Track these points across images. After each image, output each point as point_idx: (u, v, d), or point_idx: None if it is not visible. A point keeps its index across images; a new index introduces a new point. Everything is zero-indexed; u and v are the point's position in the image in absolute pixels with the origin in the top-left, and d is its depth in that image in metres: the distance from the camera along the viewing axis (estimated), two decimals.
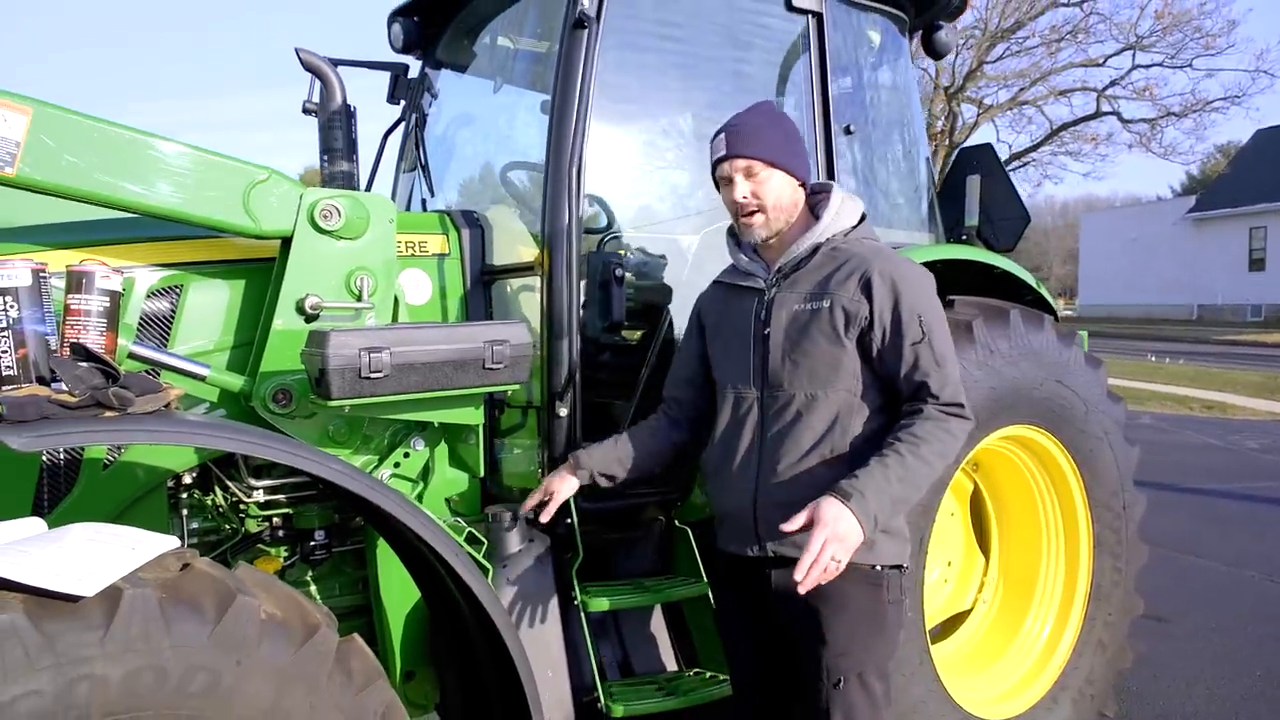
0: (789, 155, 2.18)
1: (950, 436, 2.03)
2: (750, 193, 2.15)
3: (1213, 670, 4.21)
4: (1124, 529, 3.31)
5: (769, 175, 2.15)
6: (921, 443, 1.99)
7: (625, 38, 2.91)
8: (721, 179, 2.21)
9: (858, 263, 2.11)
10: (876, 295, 2.05)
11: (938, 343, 2.06)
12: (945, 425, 2.03)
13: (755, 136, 2.15)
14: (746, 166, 2.14)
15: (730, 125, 2.20)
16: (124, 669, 1.42)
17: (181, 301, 2.42)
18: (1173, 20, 25.51)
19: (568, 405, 2.68)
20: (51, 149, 2.05)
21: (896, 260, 2.12)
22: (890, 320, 2.05)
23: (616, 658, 2.86)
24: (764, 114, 2.25)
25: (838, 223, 2.19)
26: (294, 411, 2.37)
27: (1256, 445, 10.43)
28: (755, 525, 2.15)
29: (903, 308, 2.04)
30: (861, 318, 2.06)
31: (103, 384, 1.64)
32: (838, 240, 2.17)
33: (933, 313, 2.09)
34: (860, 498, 1.91)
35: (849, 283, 2.08)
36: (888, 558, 2.11)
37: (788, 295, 2.17)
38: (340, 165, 3.08)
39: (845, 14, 3.26)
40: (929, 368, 2.04)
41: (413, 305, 2.79)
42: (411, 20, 3.60)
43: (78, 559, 1.45)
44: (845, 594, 2.04)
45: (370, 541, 2.61)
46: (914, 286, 2.08)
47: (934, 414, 2.03)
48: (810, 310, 2.11)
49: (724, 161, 2.17)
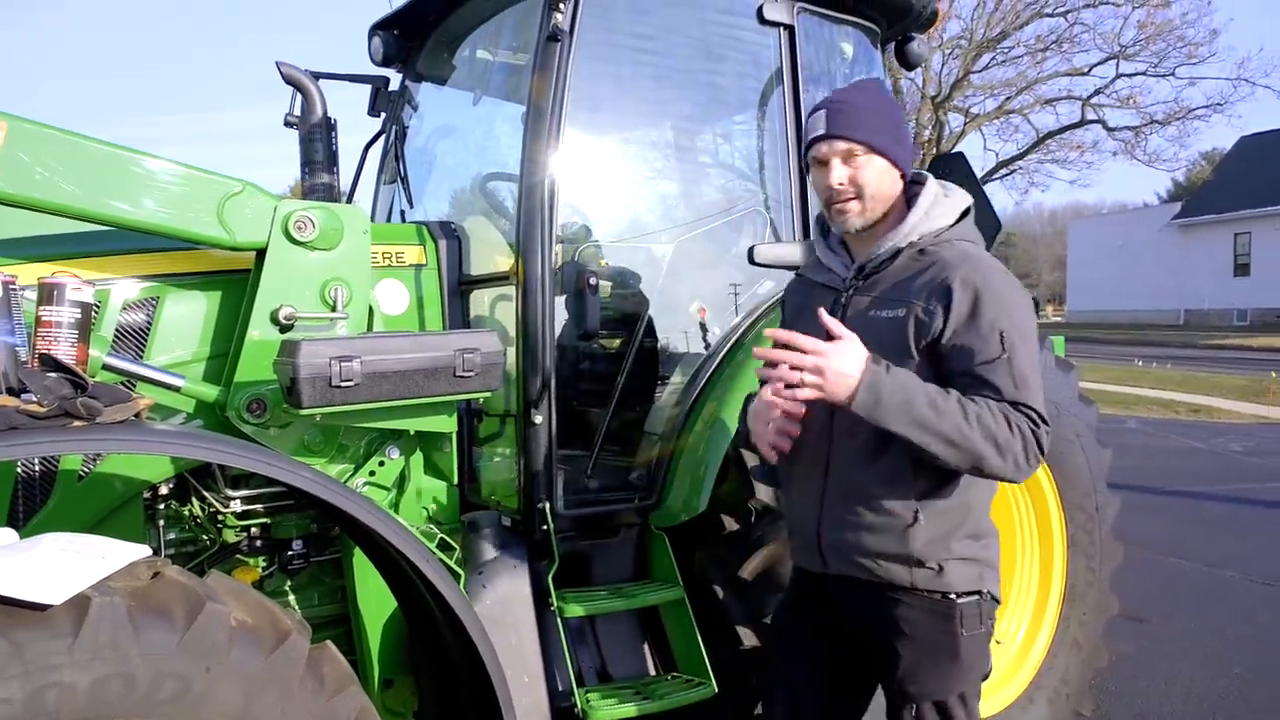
0: (893, 141, 1.95)
1: (1008, 424, 1.77)
2: (847, 179, 1.93)
3: (1191, 670, 4.25)
4: (1097, 530, 3.35)
5: (869, 161, 1.93)
6: (979, 409, 1.77)
7: (599, 50, 2.95)
8: (815, 160, 1.98)
9: (940, 269, 1.89)
10: (955, 306, 1.83)
11: (1019, 362, 1.82)
12: (1010, 414, 1.78)
13: (859, 117, 1.93)
14: (847, 150, 1.92)
15: (832, 101, 1.98)
16: (92, 676, 1.43)
17: (157, 313, 2.44)
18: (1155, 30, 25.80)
19: (543, 413, 2.71)
20: (26, 164, 2.07)
21: (984, 268, 1.87)
22: (965, 332, 1.83)
23: (594, 663, 2.88)
24: (869, 93, 2.03)
25: (926, 223, 1.96)
26: (268, 421, 2.39)
27: (1240, 448, 10.51)
28: (819, 541, 2.00)
29: (982, 321, 1.82)
30: (935, 329, 1.84)
31: (71, 394, 1.65)
32: (925, 242, 1.94)
33: (1017, 330, 1.83)
34: (884, 372, 1.75)
35: (927, 291, 1.87)
36: (961, 584, 1.92)
37: (863, 299, 1.97)
38: (321, 177, 3.12)
39: (817, 26, 3.31)
40: (1006, 387, 1.80)
41: (389, 315, 2.82)
42: (391, 34, 3.64)
43: (47, 568, 1.46)
44: (913, 621, 1.92)
45: (347, 551, 2.63)
46: (998, 298, 1.84)
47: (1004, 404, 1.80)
48: (884, 318, 1.91)
49: (821, 141, 1.94)
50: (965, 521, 1.94)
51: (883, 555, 1.91)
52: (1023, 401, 1.80)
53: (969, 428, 1.75)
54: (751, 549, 2.71)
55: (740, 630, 2.71)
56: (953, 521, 1.92)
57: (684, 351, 3.32)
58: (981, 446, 1.75)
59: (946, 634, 1.92)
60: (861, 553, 1.93)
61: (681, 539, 2.90)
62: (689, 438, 2.91)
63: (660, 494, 2.93)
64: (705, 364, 3.04)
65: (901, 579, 1.91)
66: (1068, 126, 28.43)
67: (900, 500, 1.89)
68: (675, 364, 3.27)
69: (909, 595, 1.92)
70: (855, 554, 1.94)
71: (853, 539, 1.94)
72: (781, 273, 3.16)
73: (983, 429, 1.75)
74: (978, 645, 1.96)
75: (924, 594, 1.90)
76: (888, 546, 1.91)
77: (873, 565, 1.92)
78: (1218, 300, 34.54)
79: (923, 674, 1.93)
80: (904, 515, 1.89)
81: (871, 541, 1.92)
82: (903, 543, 1.89)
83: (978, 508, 1.97)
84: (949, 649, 1.92)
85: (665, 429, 3.03)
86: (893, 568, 1.91)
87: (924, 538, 1.89)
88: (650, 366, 3.17)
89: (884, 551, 1.91)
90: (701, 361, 3.07)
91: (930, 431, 1.75)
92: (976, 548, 1.95)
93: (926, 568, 1.90)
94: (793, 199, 3.17)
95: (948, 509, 1.91)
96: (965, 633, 1.92)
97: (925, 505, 1.89)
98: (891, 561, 1.91)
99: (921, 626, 1.92)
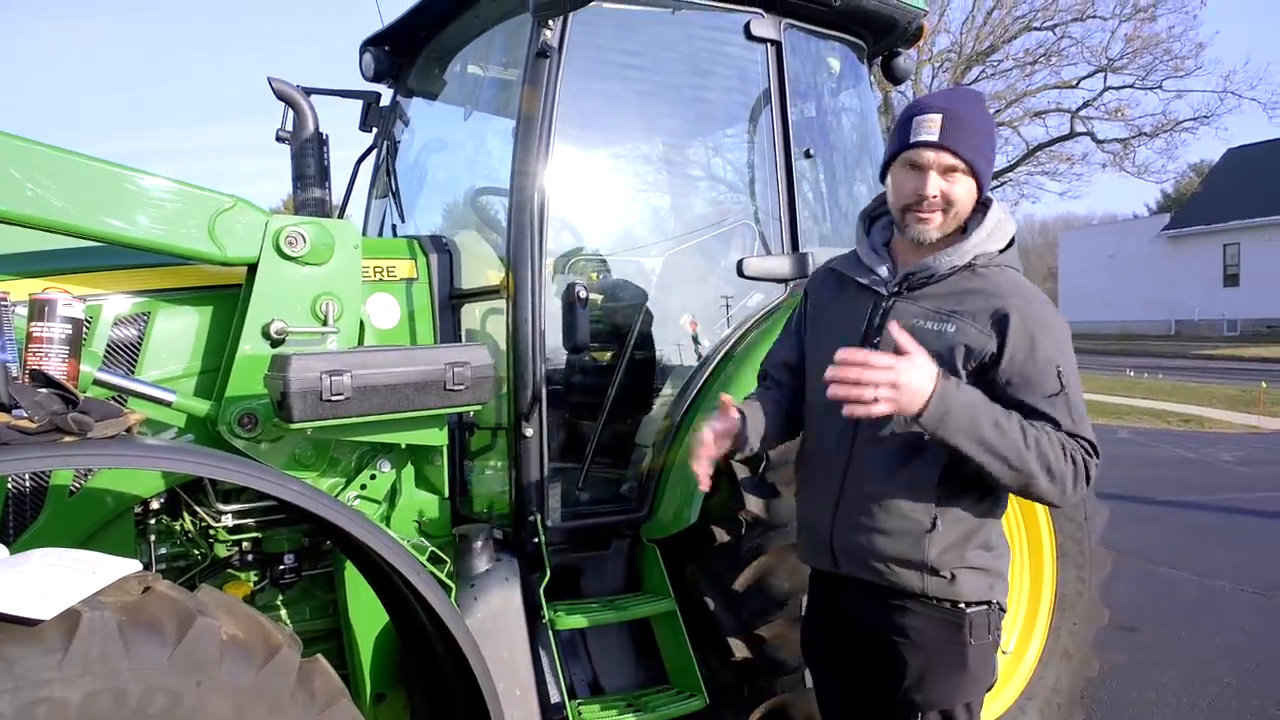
0: (988, 165, 1.94)
1: (1064, 452, 1.80)
2: (941, 192, 1.89)
3: (1182, 679, 4.26)
4: (1086, 540, 3.36)
5: (965, 179, 1.90)
6: (1038, 433, 1.79)
7: (588, 66, 2.98)
8: (910, 164, 1.91)
9: (995, 294, 1.88)
10: (1012, 336, 1.83)
11: (1073, 395, 1.85)
12: (1066, 443, 1.81)
13: (971, 133, 1.89)
14: (950, 165, 1.88)
15: (947, 109, 1.89)
16: (83, 691, 1.43)
17: (149, 328, 2.45)
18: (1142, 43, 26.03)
19: (534, 426, 2.73)
20: (17, 181, 2.09)
21: (1040, 302, 1.90)
22: (1024, 368, 1.84)
23: (585, 676, 2.88)
24: (979, 108, 1.98)
25: (986, 244, 1.94)
26: (260, 436, 2.40)
27: (1231, 458, 10.54)
28: (831, 541, 2.00)
29: (1039, 357, 1.83)
30: (987, 354, 1.84)
31: (62, 409, 1.66)
32: (980, 263, 1.93)
33: (1069, 364, 1.87)
34: (953, 389, 1.75)
35: (982, 313, 1.87)
36: (970, 593, 1.92)
37: (908, 307, 1.94)
38: (313, 192, 3.14)
39: (804, 42, 3.34)
40: (1064, 420, 1.83)
41: (381, 329, 2.83)
42: (382, 50, 3.68)
43: (37, 583, 1.47)
44: (920, 629, 1.93)
45: (339, 565, 2.63)
46: (1054, 334, 1.87)
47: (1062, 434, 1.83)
48: (931, 330, 1.89)
49: (928, 148, 1.88)
50: (980, 531, 1.94)
51: (896, 560, 1.92)
52: (1080, 434, 1.83)
53: (1027, 451, 1.77)
54: (742, 561, 2.72)
55: (731, 642, 2.72)
56: (968, 530, 1.92)
57: (674, 364, 3.34)
58: (1036, 470, 1.77)
59: (955, 643, 1.92)
60: (875, 556, 1.93)
61: (673, 551, 2.91)
62: (680, 450, 2.92)
63: (651, 506, 2.95)
64: (695, 376, 3.06)
65: (913, 585, 1.92)
66: (1057, 139, 28.64)
67: (920, 506, 1.89)
68: (665, 376, 3.28)
69: (918, 603, 1.93)
70: (868, 557, 1.94)
71: (866, 542, 1.94)
72: (770, 285, 3.19)
73: (1040, 454, 1.77)
74: (985, 655, 1.97)
75: (934, 602, 1.91)
76: (902, 552, 1.91)
77: (885, 569, 1.93)
78: (1208, 311, 34.72)
79: (929, 683, 1.93)
80: (922, 521, 1.90)
81: (886, 545, 1.92)
82: (918, 549, 1.90)
83: (993, 519, 1.98)
84: (957, 658, 1.93)
85: (656, 441, 3.04)
86: (905, 573, 1.92)
87: (940, 545, 1.89)
88: (641, 379, 3.19)
89: (898, 557, 1.91)
90: (692, 374, 3.09)
91: (991, 450, 1.76)
92: (989, 558, 1.95)
93: (939, 575, 1.90)
94: (781, 212, 3.20)
95: (965, 518, 1.92)
96: (974, 642, 1.93)
97: (944, 512, 1.90)
98: (904, 567, 1.91)
99: (930, 635, 1.92)
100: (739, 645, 2.71)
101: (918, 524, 1.90)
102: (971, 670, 1.94)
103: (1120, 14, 25.71)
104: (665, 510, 2.89)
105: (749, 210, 3.46)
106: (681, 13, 3.07)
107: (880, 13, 3.39)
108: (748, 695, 2.71)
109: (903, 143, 1.93)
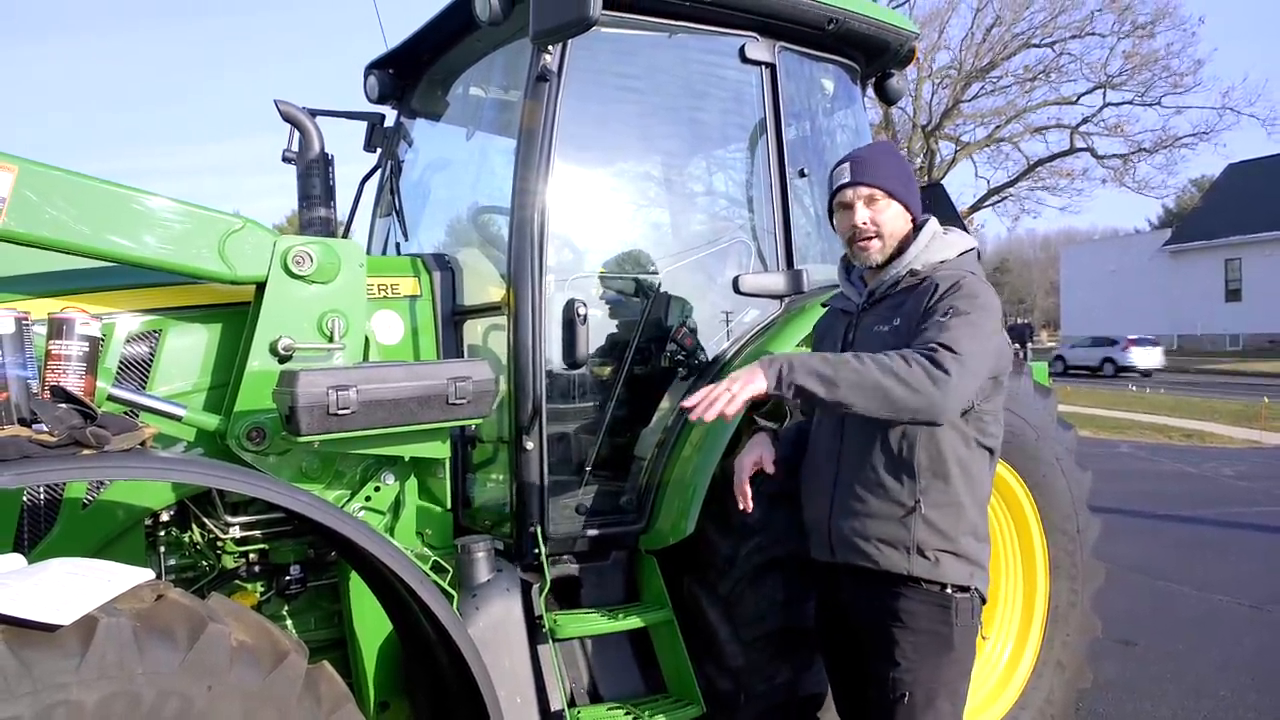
0: (905, 190, 2.30)
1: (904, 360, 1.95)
2: (869, 219, 2.26)
3: (1178, 692, 4.29)
4: (1078, 552, 3.41)
5: (888, 205, 2.26)
6: (871, 356, 1.98)
7: (587, 89, 3.05)
8: (841, 205, 2.32)
9: (931, 282, 2.19)
10: (932, 296, 2.13)
11: (955, 328, 2.01)
12: (908, 354, 1.97)
13: (878, 167, 2.29)
14: (869, 194, 2.26)
15: (854, 156, 2.34)
16: (99, 695, 1.49)
17: (160, 345, 2.52)
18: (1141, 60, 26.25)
19: (534, 439, 2.78)
20: (35, 204, 2.16)
21: (965, 273, 2.18)
22: (929, 314, 2.09)
23: (585, 684, 2.92)
24: (885, 151, 2.42)
25: (924, 255, 2.25)
26: (268, 449, 2.46)
27: (1232, 472, 10.57)
28: (829, 534, 2.27)
29: (943, 303, 2.09)
30: (915, 319, 2.13)
31: (81, 424, 1.73)
32: (923, 269, 2.24)
33: (964, 315, 2.04)
34: (780, 355, 2.02)
35: (918, 296, 2.18)
36: (954, 578, 2.15)
37: (869, 317, 2.31)
38: (318, 210, 3.22)
39: (798, 64, 3.42)
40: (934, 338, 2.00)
41: (385, 345, 2.90)
42: (386, 72, 3.76)
43: (55, 590, 1.52)
44: (911, 612, 2.15)
45: (344, 575, 2.69)
46: (964, 289, 2.11)
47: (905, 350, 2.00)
48: (887, 330, 2.21)
49: (847, 188, 2.28)
50: (962, 519, 2.17)
51: (883, 540, 2.16)
52: (933, 343, 1.98)
53: (864, 367, 1.93)
54: (738, 571, 2.77)
55: (727, 651, 2.77)
56: (951, 517, 2.15)
57: (672, 378, 3.40)
58: (881, 379, 1.92)
59: (943, 623, 2.14)
60: (864, 538, 2.18)
61: (671, 562, 2.96)
62: (676, 463, 2.98)
63: (649, 518, 3.00)
64: (692, 390, 3.11)
65: (900, 566, 2.14)
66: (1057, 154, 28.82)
67: (903, 489, 2.14)
68: (663, 391, 3.34)
69: (908, 587, 2.15)
70: (859, 539, 2.19)
71: (858, 526, 2.19)
72: (766, 301, 3.25)
73: (878, 365, 1.93)
74: (968, 637, 2.19)
75: (922, 584, 2.14)
76: (888, 533, 2.15)
77: (874, 550, 2.17)
78: (1210, 326, 34.76)
79: (916, 661, 2.13)
80: (906, 502, 2.14)
81: (874, 527, 2.17)
82: (903, 530, 2.14)
83: (973, 508, 2.20)
84: (944, 638, 2.14)
85: (654, 454, 3.10)
86: (892, 554, 2.15)
87: (925, 527, 2.13)
88: (639, 393, 3.25)
89: (884, 537, 2.16)
90: (689, 388, 3.15)
91: (830, 382, 1.93)
92: (971, 546, 2.18)
93: (924, 557, 2.13)
94: (776, 230, 3.27)
95: (947, 503, 2.15)
96: (958, 623, 2.15)
97: (926, 496, 2.14)
98: (891, 548, 2.15)
99: (920, 616, 2.14)
100: (735, 654, 2.76)
101: (902, 505, 2.15)
102: (956, 650, 2.16)
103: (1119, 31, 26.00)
104: (663, 522, 2.95)
105: (745, 228, 3.53)
106: (678, 37, 3.14)
107: (873, 36, 3.47)
108: (744, 703, 2.76)
109: (830, 195, 2.36)
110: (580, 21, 2.49)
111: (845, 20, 3.31)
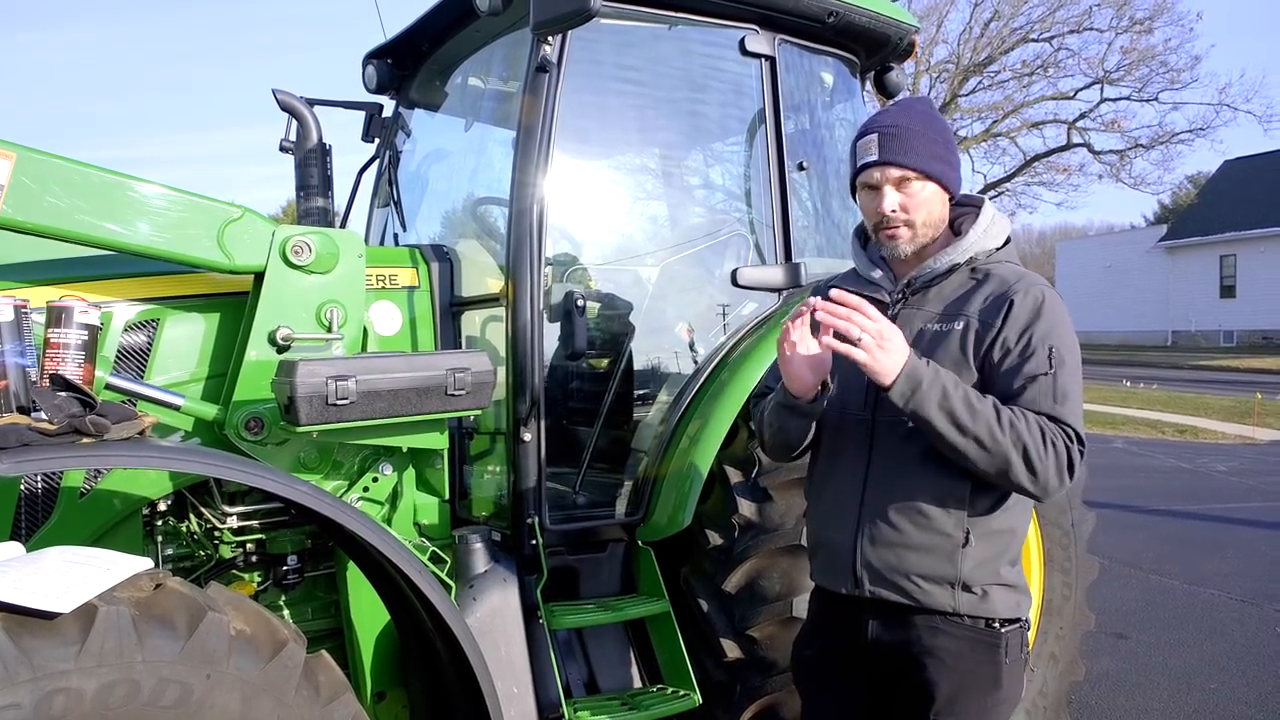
0: (946, 165, 1.92)
1: (1042, 436, 1.73)
2: (899, 205, 1.89)
3: (1168, 685, 4.32)
4: (1073, 546, 3.43)
5: (922, 188, 1.89)
6: (1014, 415, 1.74)
7: (587, 81, 3.05)
8: (865, 185, 1.94)
9: (999, 284, 1.88)
10: (1013, 317, 1.82)
11: (1063, 380, 1.79)
12: (1046, 426, 1.75)
13: (913, 142, 1.88)
14: (900, 176, 1.88)
15: (884, 126, 1.91)
16: (98, 682, 1.50)
17: (158, 334, 2.52)
18: (1139, 55, 26.22)
19: (532, 431, 2.79)
20: (34, 191, 2.16)
21: (1042, 286, 1.88)
22: (1017, 343, 1.81)
23: (581, 675, 2.94)
24: (922, 116, 1.95)
25: (983, 242, 1.94)
26: (266, 439, 2.46)
27: (1225, 468, 10.61)
28: (854, 562, 1.89)
29: (1035, 334, 1.81)
30: (989, 339, 1.83)
31: (80, 412, 1.73)
32: (980, 260, 1.94)
33: (1066, 348, 1.82)
34: (924, 365, 1.74)
35: (988, 305, 1.86)
36: (1003, 610, 1.86)
37: (915, 313, 1.93)
38: (316, 201, 3.22)
39: (798, 57, 3.42)
40: (1045, 401, 1.77)
41: (383, 336, 2.90)
42: (385, 62, 3.75)
43: (55, 578, 1.53)
44: (954, 652, 1.83)
45: (341, 566, 2.70)
46: (1054, 315, 1.84)
47: (1041, 417, 1.76)
48: (941, 331, 1.88)
49: (874, 168, 1.90)
50: (1010, 546, 1.89)
51: (927, 577, 1.83)
52: (1061, 417, 1.76)
53: (1001, 431, 1.71)
54: (735, 563, 2.78)
55: (724, 643, 2.78)
56: (1000, 545, 1.86)
57: (669, 371, 3.41)
58: (1011, 452, 1.71)
59: (990, 663, 1.85)
60: (903, 574, 1.85)
61: (667, 553, 2.98)
62: (674, 455, 2.99)
63: (646, 509, 3.01)
64: (690, 383, 3.12)
65: (944, 604, 1.84)
66: (1054, 150, 28.80)
67: (952, 519, 1.82)
68: (661, 383, 3.35)
69: (949, 623, 1.85)
70: (896, 575, 1.85)
71: (893, 560, 1.85)
72: (764, 295, 3.26)
73: (1015, 436, 1.72)
74: (1016, 673, 1.90)
75: (966, 620, 1.84)
76: (934, 568, 1.83)
77: (913, 588, 1.84)
78: (1205, 322, 34.83)
79: (962, 705, 1.84)
80: (955, 535, 1.82)
81: (913, 562, 1.84)
82: (951, 565, 1.82)
83: (1020, 532, 1.92)
84: (992, 678, 1.85)
85: (651, 446, 3.10)
86: (935, 591, 1.83)
87: (973, 560, 1.83)
88: (636, 385, 3.26)
89: (929, 573, 1.83)
90: (686, 380, 3.16)
91: (962, 428, 1.71)
92: (1015, 574, 1.90)
93: (971, 592, 1.83)
94: (775, 223, 3.27)
95: (998, 531, 1.86)
96: (1008, 660, 1.86)
97: (977, 526, 1.83)
98: (935, 584, 1.83)
99: (964, 656, 1.84)
100: (731, 645, 2.78)
101: (951, 539, 1.83)
102: (1005, 689, 1.87)
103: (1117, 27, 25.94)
104: (660, 514, 2.95)
105: (744, 221, 3.54)
106: (678, 29, 3.14)
107: (872, 29, 3.47)
108: (740, 694, 2.77)
109: (854, 168, 1.97)
110: (581, 12, 2.49)
111: (845, 13, 3.32)
